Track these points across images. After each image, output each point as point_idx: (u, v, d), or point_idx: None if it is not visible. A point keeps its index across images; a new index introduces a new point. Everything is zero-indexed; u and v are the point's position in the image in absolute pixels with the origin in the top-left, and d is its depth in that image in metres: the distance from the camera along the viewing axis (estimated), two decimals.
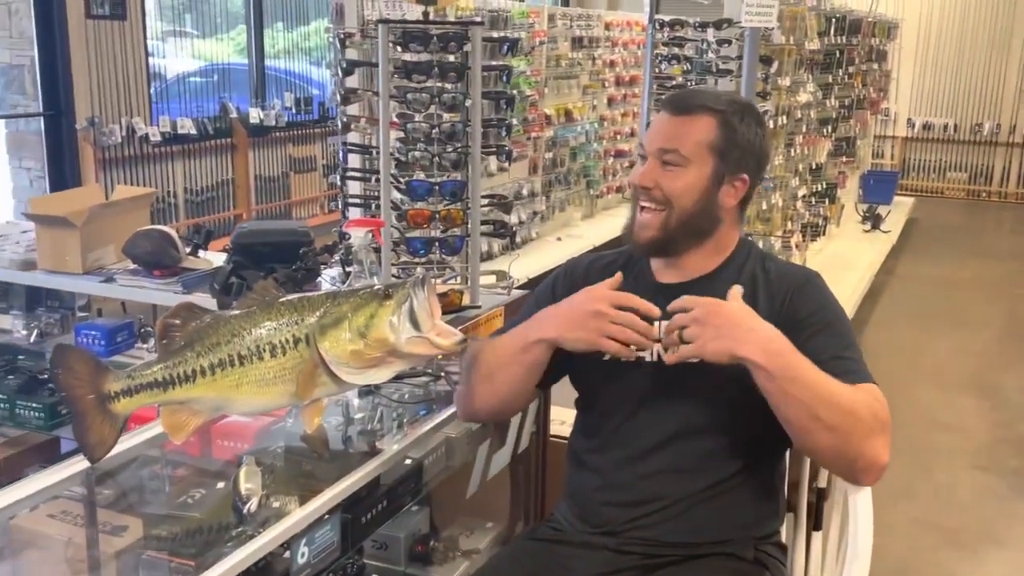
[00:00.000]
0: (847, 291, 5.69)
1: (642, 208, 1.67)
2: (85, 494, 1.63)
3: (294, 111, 7.60)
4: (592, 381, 1.74)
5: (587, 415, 1.77)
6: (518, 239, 6.27)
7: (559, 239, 6.73)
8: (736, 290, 1.53)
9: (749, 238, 1.78)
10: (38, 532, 1.54)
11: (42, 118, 5.82)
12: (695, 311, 1.50)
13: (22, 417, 3.27)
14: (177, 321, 1.56)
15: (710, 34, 4.33)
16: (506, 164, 5.41)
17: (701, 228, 1.66)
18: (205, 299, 2.59)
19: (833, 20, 6.33)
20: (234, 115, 7.07)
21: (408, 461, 1.90)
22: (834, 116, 6.83)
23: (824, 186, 6.81)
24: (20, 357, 3.46)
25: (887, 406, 1.52)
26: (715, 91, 1.73)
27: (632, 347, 1.56)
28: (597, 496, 1.70)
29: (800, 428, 1.49)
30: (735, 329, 1.47)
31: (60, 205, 3.04)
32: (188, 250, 2.98)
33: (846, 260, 6.65)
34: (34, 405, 3.25)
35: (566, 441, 1.84)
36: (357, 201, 2.65)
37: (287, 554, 1.51)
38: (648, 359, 1.65)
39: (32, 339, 3.24)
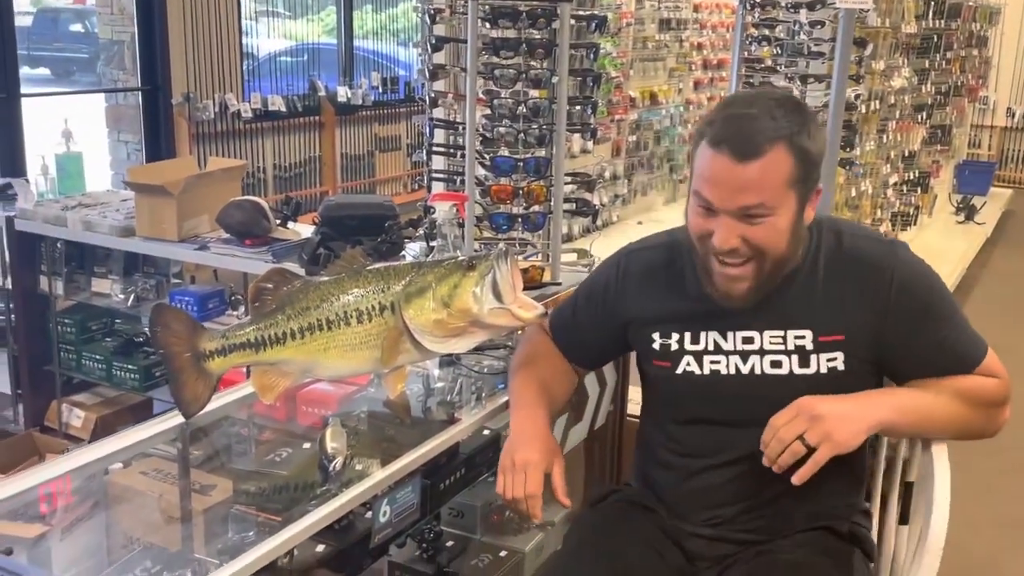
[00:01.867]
0: None
1: (723, 262, 1.49)
2: (176, 452, 1.69)
3: (380, 90, 7.70)
4: (668, 392, 1.68)
5: (662, 414, 1.71)
6: (599, 222, 6.25)
7: (640, 223, 6.68)
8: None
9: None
10: (131, 488, 1.60)
11: (140, 93, 6.02)
12: (799, 415, 1.44)
13: (118, 378, 3.42)
14: (270, 285, 1.61)
15: (803, 15, 4.23)
16: (590, 143, 5.40)
17: (792, 259, 1.53)
18: (293, 268, 2.66)
19: (931, 3, 6.13)
20: (322, 93, 7.19)
21: (486, 432, 1.93)
22: (929, 103, 6.63)
23: (917, 174, 6.62)
24: (117, 320, 3.62)
25: (1003, 370, 1.58)
26: (763, 104, 1.44)
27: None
28: (677, 494, 1.67)
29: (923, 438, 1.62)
30: (844, 410, 1.46)
31: (157, 174, 3.16)
32: (278, 221, 3.07)
33: (938, 251, 6.45)
34: (130, 367, 3.40)
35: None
36: (441, 176, 2.69)
37: (369, 514, 1.56)
38: (724, 372, 1.59)
39: (129, 303, 3.37)
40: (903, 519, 1.68)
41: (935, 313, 1.56)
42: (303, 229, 3.11)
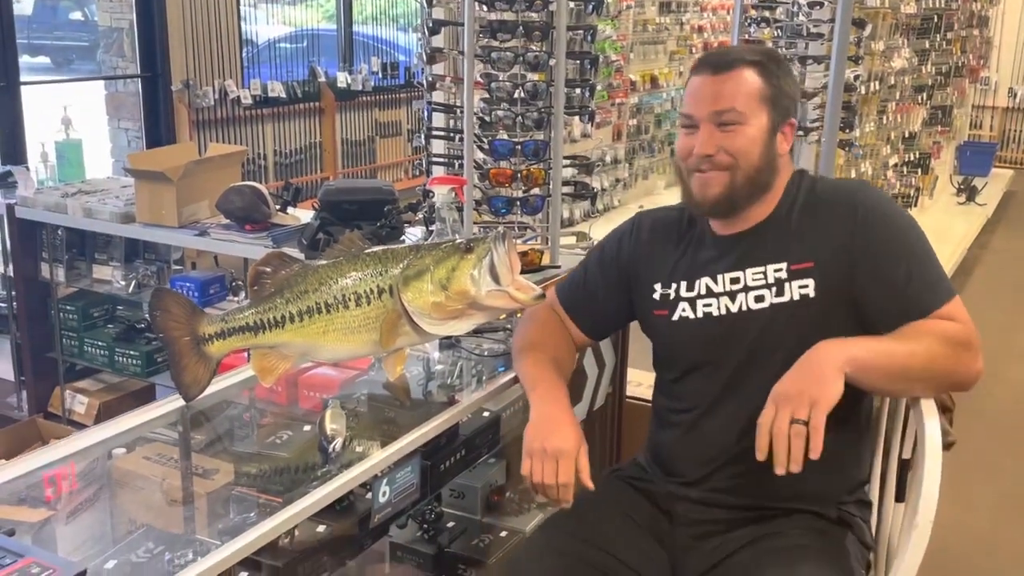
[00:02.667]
0: None
1: (702, 171, 1.64)
2: (178, 436, 1.71)
3: (380, 76, 7.69)
4: (665, 340, 1.75)
5: (663, 372, 1.79)
6: (600, 206, 6.26)
7: (641, 206, 6.66)
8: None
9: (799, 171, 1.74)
10: (135, 472, 1.61)
11: (139, 80, 6.02)
12: (779, 407, 1.47)
13: (120, 364, 3.44)
14: (268, 269, 1.62)
15: None
16: (589, 127, 5.40)
17: (765, 181, 1.64)
18: (293, 254, 2.66)
19: None
20: (322, 79, 7.18)
21: (486, 413, 1.94)
22: (930, 83, 6.61)
23: (917, 156, 6.62)
24: (119, 307, 3.63)
25: (966, 318, 1.57)
26: (740, 46, 1.69)
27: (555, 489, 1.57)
28: (675, 450, 1.73)
29: (894, 392, 1.63)
30: (809, 371, 1.48)
31: (157, 160, 3.16)
32: (278, 207, 3.07)
33: (938, 233, 6.44)
34: (132, 353, 3.41)
35: (641, 402, 1.86)
36: (441, 160, 2.69)
37: (369, 494, 1.57)
38: (715, 314, 1.65)
39: (130, 290, 3.39)
40: (900, 496, 1.69)
41: (900, 245, 1.59)
42: (303, 214, 3.12)
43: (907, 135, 6.35)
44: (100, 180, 3.68)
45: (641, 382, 2.56)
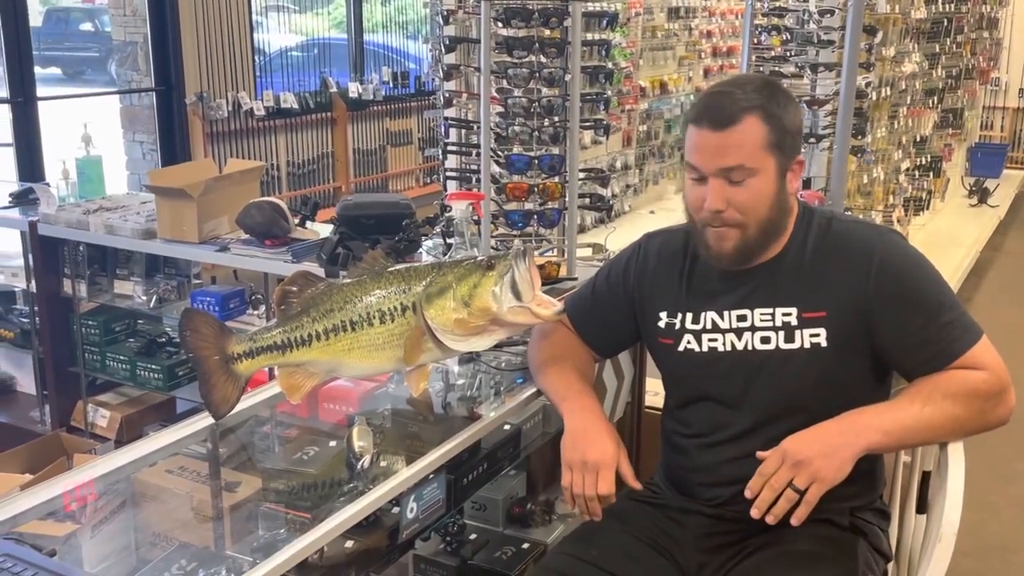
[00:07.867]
0: (951, 267, 5.53)
1: (714, 227, 1.61)
2: (205, 452, 1.73)
3: (391, 85, 7.72)
4: (670, 369, 1.77)
5: (671, 398, 1.81)
6: (611, 212, 6.27)
7: (652, 212, 6.70)
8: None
9: (801, 199, 1.72)
10: (158, 486, 1.64)
11: (154, 93, 6.07)
12: (785, 462, 1.49)
13: (142, 378, 3.47)
14: (294, 288, 1.65)
15: (811, 3, 4.23)
16: (602, 138, 5.41)
17: (778, 225, 1.63)
18: (313, 268, 2.71)
19: None
20: (334, 89, 7.22)
21: (507, 427, 1.97)
22: (941, 87, 6.61)
23: (929, 159, 6.61)
24: (140, 321, 3.67)
25: (994, 361, 1.57)
26: (738, 82, 1.63)
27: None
28: (687, 476, 1.75)
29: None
30: (828, 445, 1.49)
31: (177, 178, 3.20)
32: (296, 221, 3.10)
33: (950, 236, 6.45)
34: (153, 367, 3.45)
35: (660, 412, 1.88)
36: (456, 175, 2.72)
37: (395, 509, 1.60)
38: (721, 349, 1.66)
39: (151, 305, 3.42)
40: (921, 508, 1.71)
41: (918, 297, 1.58)
42: (321, 228, 3.15)
43: (918, 139, 6.35)
44: (120, 196, 3.72)
45: (659, 391, 2.58)
